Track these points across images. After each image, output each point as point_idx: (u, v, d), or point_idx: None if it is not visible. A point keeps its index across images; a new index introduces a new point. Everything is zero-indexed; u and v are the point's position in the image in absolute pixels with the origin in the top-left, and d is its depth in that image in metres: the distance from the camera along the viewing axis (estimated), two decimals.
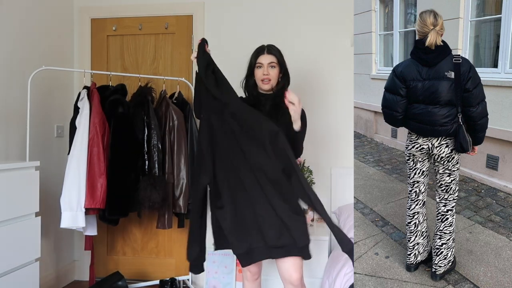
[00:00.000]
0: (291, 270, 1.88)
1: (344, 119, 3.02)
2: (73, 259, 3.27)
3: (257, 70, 1.98)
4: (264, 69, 1.96)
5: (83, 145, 2.45)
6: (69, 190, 2.40)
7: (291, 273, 1.88)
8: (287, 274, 1.89)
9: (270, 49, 1.99)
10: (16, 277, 2.12)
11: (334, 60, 3.04)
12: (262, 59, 1.97)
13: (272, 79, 1.97)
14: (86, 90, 2.57)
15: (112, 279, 2.68)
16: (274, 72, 1.97)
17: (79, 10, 3.27)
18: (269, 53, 1.97)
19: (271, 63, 1.96)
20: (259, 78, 1.97)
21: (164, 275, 3.16)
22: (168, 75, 3.13)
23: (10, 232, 2.09)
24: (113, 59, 3.29)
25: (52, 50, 3.02)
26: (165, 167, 2.67)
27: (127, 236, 3.25)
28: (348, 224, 2.66)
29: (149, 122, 2.62)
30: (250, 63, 2.01)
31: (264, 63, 1.96)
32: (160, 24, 3.22)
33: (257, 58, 1.98)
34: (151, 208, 2.58)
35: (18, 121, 2.62)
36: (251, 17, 3.10)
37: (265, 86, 1.97)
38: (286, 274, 1.89)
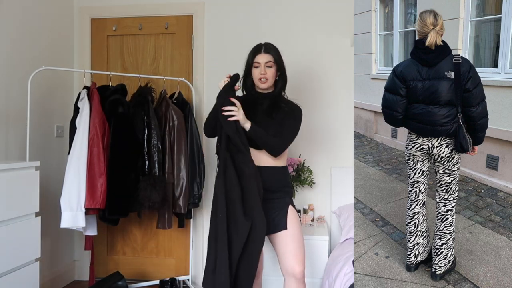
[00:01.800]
0: (293, 262, 1.88)
1: (344, 119, 3.02)
2: (73, 259, 3.27)
3: (254, 70, 1.99)
4: (261, 69, 1.96)
5: (83, 145, 2.45)
6: (69, 190, 2.40)
7: (294, 265, 1.88)
8: (290, 267, 1.89)
9: (267, 48, 1.99)
10: (16, 277, 2.12)
11: (334, 60, 3.04)
12: (259, 59, 1.97)
13: (269, 78, 1.98)
14: (86, 90, 2.57)
15: (112, 279, 2.67)
16: (271, 71, 1.98)
17: (79, 10, 3.27)
18: (266, 52, 1.98)
19: (268, 63, 1.97)
20: (256, 77, 1.98)
21: (164, 275, 3.17)
22: (168, 75, 3.13)
23: (10, 232, 2.09)
24: (113, 59, 3.29)
25: (52, 50, 3.02)
26: (165, 167, 2.68)
27: (127, 236, 3.25)
28: (348, 224, 2.66)
29: (149, 122, 2.62)
30: (247, 63, 2.01)
31: (261, 63, 1.96)
32: (160, 24, 3.22)
33: (254, 57, 1.98)
34: (151, 208, 2.58)
35: (18, 121, 2.62)
36: (251, 17, 3.10)
37: (263, 85, 1.98)
38: (288, 266, 1.89)
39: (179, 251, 3.19)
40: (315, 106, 3.00)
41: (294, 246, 1.92)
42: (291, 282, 1.92)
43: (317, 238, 2.64)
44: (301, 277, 1.90)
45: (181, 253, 3.19)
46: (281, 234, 1.93)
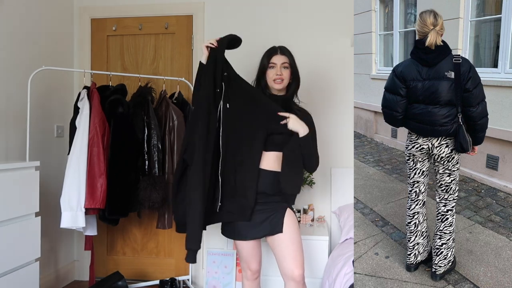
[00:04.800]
0: (292, 265, 1.88)
1: (344, 119, 3.02)
2: (73, 259, 3.27)
3: (269, 70, 1.98)
4: (277, 69, 1.96)
5: (83, 145, 2.44)
6: (69, 190, 2.40)
7: (293, 268, 1.88)
8: (289, 270, 1.89)
9: (283, 50, 2.00)
10: (16, 277, 2.12)
11: (334, 60, 3.04)
12: (276, 59, 1.97)
13: (285, 79, 1.97)
14: (86, 90, 2.57)
15: (112, 279, 2.67)
16: (287, 73, 1.98)
17: (79, 10, 3.27)
18: (282, 54, 1.98)
19: (284, 64, 1.97)
20: (272, 78, 1.97)
21: (164, 275, 3.17)
22: (168, 75, 3.13)
23: (10, 232, 2.09)
24: (113, 59, 3.29)
25: (52, 50, 3.02)
26: (165, 167, 2.68)
27: (127, 236, 3.25)
28: (348, 224, 2.66)
29: (149, 122, 2.62)
30: (262, 64, 2.00)
31: (277, 63, 1.96)
32: (160, 24, 3.22)
33: (270, 58, 1.98)
34: (151, 208, 2.58)
35: (18, 121, 2.62)
36: (251, 17, 3.10)
37: (278, 86, 1.97)
38: (288, 270, 1.89)
39: (179, 251, 3.19)
40: (315, 106, 2.98)
41: (292, 249, 1.91)
42: (291, 286, 1.92)
43: (317, 238, 2.64)
44: (300, 280, 1.90)
45: (181, 253, 3.19)
46: (278, 237, 1.92)
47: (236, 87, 1.94)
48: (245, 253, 2.02)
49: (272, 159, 1.93)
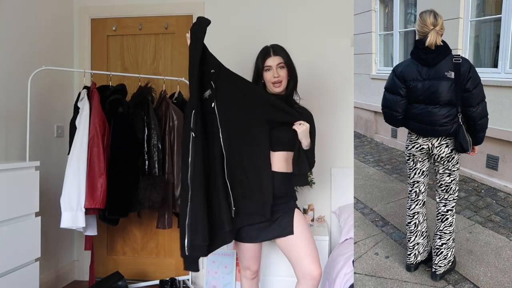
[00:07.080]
0: (312, 266, 1.82)
1: (344, 119, 3.02)
2: (73, 259, 3.27)
3: (266, 73, 1.93)
4: (273, 72, 1.92)
5: (83, 145, 2.44)
6: (69, 190, 2.40)
7: (313, 269, 1.82)
8: (309, 270, 1.82)
9: (276, 50, 1.94)
10: (16, 277, 2.12)
11: (334, 60, 3.04)
12: (270, 61, 1.92)
13: (283, 80, 1.93)
14: (86, 90, 2.57)
15: (112, 279, 2.68)
16: (284, 73, 1.93)
17: (79, 10, 3.27)
18: (276, 54, 1.93)
19: (279, 64, 1.92)
20: (270, 80, 1.93)
21: (164, 275, 3.17)
22: (168, 75, 3.13)
23: (10, 232, 2.09)
24: (113, 59, 3.29)
25: (52, 50, 3.02)
26: (165, 167, 2.67)
27: (127, 236, 3.25)
28: (348, 224, 2.66)
29: (149, 122, 2.62)
30: (256, 67, 1.95)
31: (272, 65, 1.92)
32: (160, 24, 3.22)
33: (264, 60, 1.93)
34: (151, 208, 2.58)
35: (18, 121, 2.62)
36: (251, 17, 3.10)
37: (277, 89, 1.93)
38: (307, 270, 1.83)
39: (179, 251, 3.19)
40: (315, 106, 2.97)
41: (309, 249, 1.85)
42: (309, 285, 1.85)
43: (317, 238, 2.63)
44: (320, 279, 1.85)
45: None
46: (291, 238, 1.87)
47: (227, 82, 1.84)
48: (249, 255, 1.99)
49: (280, 159, 1.89)
